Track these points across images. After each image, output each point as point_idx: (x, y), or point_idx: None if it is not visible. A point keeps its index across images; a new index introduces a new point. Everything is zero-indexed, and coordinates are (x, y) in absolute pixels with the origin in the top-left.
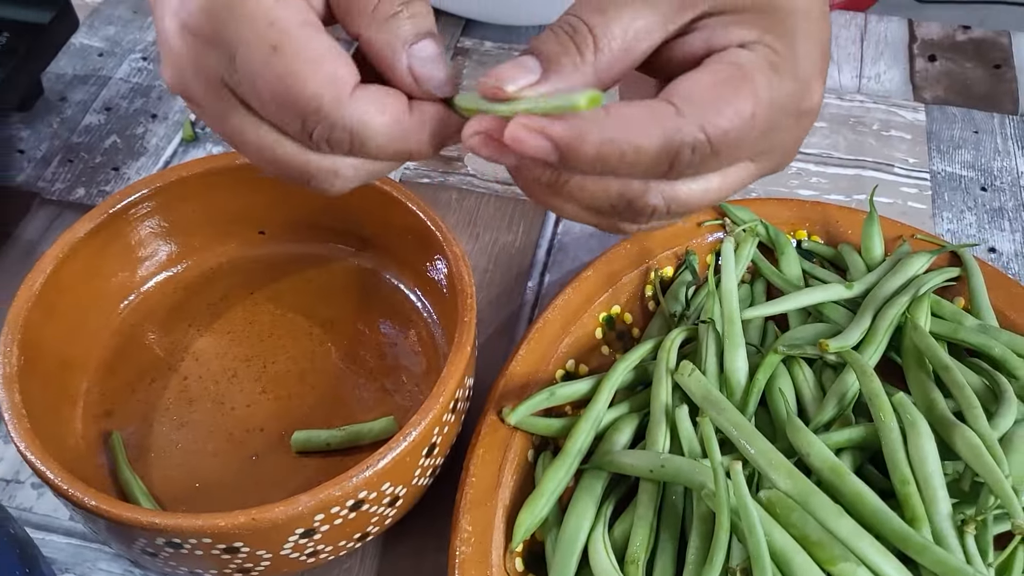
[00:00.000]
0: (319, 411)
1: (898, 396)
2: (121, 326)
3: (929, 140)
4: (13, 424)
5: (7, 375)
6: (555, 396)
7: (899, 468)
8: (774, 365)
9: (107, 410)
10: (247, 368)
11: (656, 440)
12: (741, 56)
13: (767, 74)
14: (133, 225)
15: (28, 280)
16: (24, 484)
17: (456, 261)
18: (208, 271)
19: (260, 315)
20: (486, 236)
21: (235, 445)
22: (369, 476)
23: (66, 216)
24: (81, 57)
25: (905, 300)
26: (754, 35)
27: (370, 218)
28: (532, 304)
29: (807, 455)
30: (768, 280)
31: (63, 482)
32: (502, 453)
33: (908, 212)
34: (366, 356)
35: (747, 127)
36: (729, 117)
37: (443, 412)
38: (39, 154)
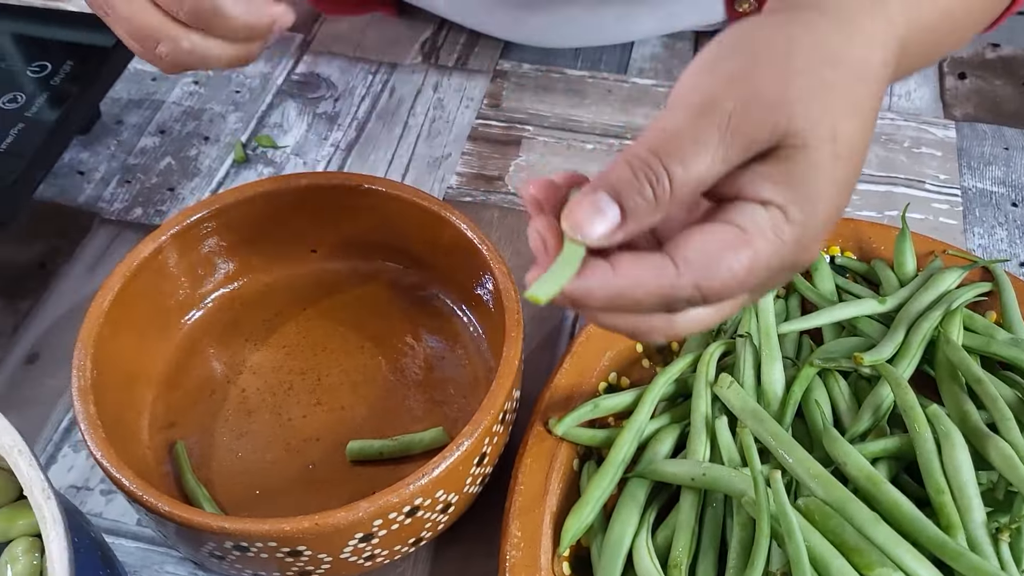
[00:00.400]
0: (371, 422)
1: (932, 408)
2: (183, 341)
3: (960, 157)
4: (89, 434)
5: (82, 388)
6: (599, 408)
7: (934, 477)
8: (810, 378)
9: (171, 421)
10: (302, 381)
11: (696, 450)
12: (756, 215)
13: (771, 241)
14: (194, 244)
15: (98, 298)
16: (93, 491)
17: (503, 278)
18: (263, 288)
19: (313, 330)
20: (527, 254)
21: (292, 454)
22: (425, 484)
23: (125, 235)
24: (136, 82)
25: (938, 315)
26: (779, 199)
27: (418, 236)
28: (573, 319)
29: (844, 464)
30: (802, 295)
31: (138, 488)
32: (549, 462)
33: (939, 228)
34: (415, 369)
35: (739, 285)
36: (723, 279)
37: (493, 423)
38: (98, 175)
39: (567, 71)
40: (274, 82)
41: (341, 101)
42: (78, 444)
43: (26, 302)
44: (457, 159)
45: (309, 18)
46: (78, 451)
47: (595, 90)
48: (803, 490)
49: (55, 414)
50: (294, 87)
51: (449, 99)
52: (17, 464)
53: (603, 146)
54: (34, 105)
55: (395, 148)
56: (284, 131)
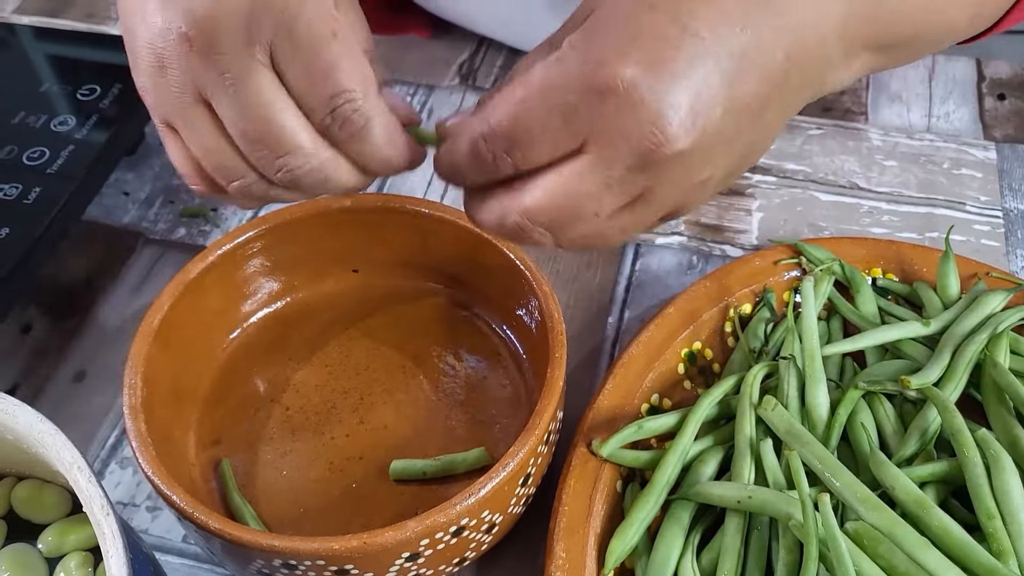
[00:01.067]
0: (413, 441)
1: (981, 432)
2: (227, 360)
3: (1001, 178)
4: (140, 451)
5: (133, 406)
6: (643, 429)
7: (984, 502)
8: (855, 400)
9: (216, 439)
10: (345, 400)
11: (741, 472)
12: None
13: (544, 66)
14: (240, 265)
15: (148, 316)
16: (140, 507)
17: (546, 299)
18: (306, 307)
19: (356, 349)
20: (566, 274)
21: (336, 473)
22: (471, 504)
23: (169, 255)
24: None
25: (983, 337)
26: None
27: (459, 257)
28: (613, 340)
29: (892, 488)
30: (845, 317)
31: (188, 506)
32: (592, 483)
33: (981, 250)
34: (456, 389)
35: (521, 109)
36: (501, 106)
37: (538, 443)
38: (142, 196)
39: None
40: None
41: None
42: (125, 460)
43: (73, 320)
44: None
45: None
46: (125, 467)
47: None
48: (849, 514)
49: (102, 431)
50: None
51: None
52: (77, 480)
53: None
54: (84, 128)
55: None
56: None
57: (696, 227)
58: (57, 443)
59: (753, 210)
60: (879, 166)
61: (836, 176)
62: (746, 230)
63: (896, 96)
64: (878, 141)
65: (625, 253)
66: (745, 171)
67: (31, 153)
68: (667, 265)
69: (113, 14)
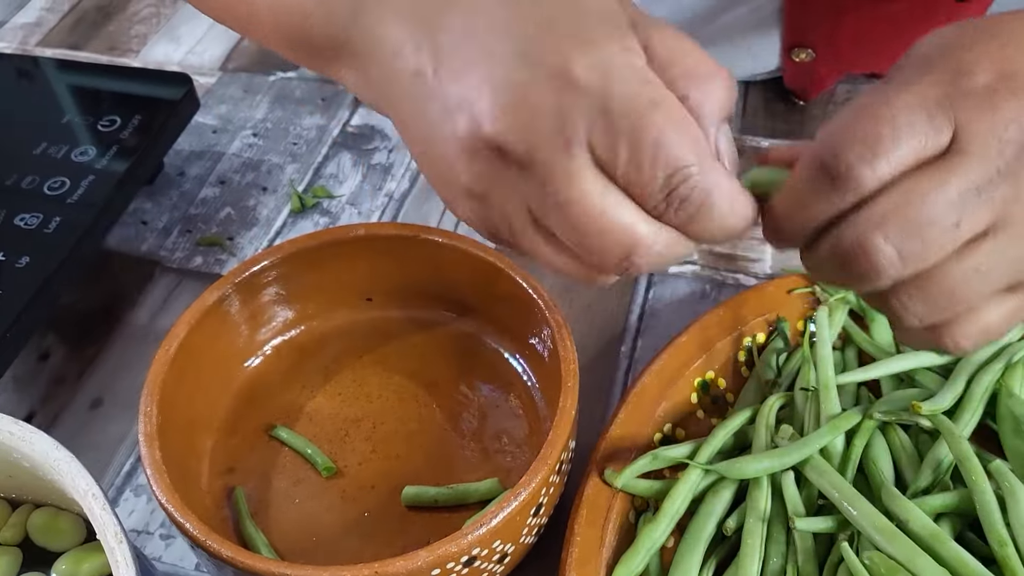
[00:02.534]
0: (426, 471)
1: (995, 463)
2: (241, 388)
3: None
4: (155, 479)
5: (148, 433)
6: (658, 459)
7: (995, 530)
8: (871, 431)
9: (230, 467)
10: (357, 428)
11: (757, 503)
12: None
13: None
14: (256, 293)
15: (164, 345)
16: (153, 535)
17: (559, 328)
18: (320, 336)
19: (369, 378)
20: (580, 303)
21: (348, 502)
22: (483, 533)
23: (186, 283)
24: (196, 134)
25: (999, 367)
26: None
27: (472, 286)
28: (626, 369)
29: (906, 521)
30: (860, 347)
31: (201, 534)
32: (605, 514)
33: None
34: (469, 418)
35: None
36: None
37: (551, 473)
38: (160, 225)
39: None
40: (330, 134)
41: (395, 152)
42: (139, 488)
43: (90, 348)
44: None
45: None
46: (139, 495)
47: None
48: (864, 543)
49: (117, 458)
50: (349, 139)
51: None
52: (92, 508)
53: None
54: (104, 158)
55: None
56: (339, 181)
57: (709, 256)
58: (72, 471)
59: None
60: None
61: None
62: (759, 259)
63: None
64: None
65: (638, 282)
66: None
67: (52, 183)
68: (680, 294)
69: (134, 46)
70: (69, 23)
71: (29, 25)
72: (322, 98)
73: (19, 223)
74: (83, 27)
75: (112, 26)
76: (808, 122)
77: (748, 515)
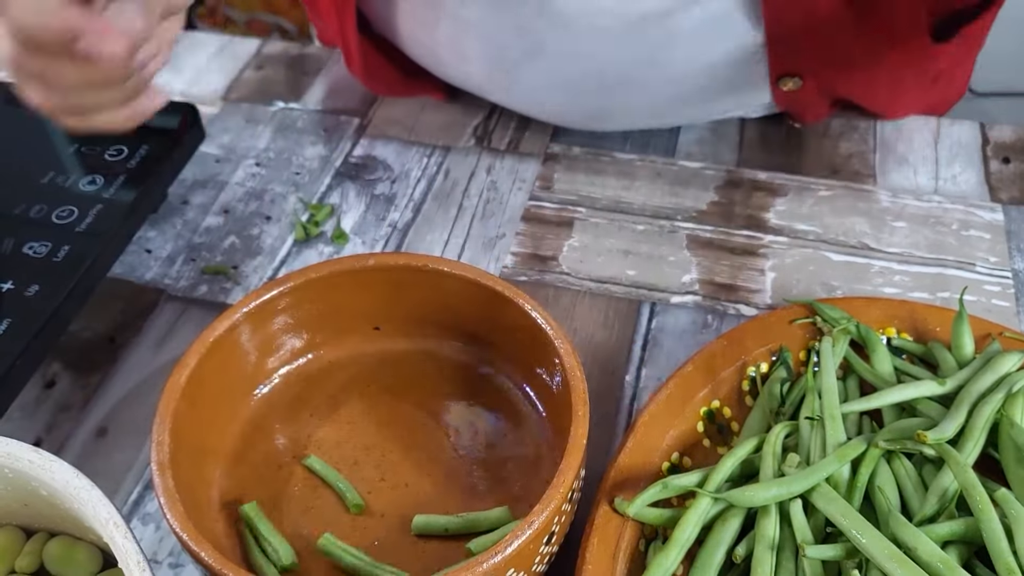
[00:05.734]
0: (435, 499)
1: (1000, 492)
2: (250, 416)
3: (1009, 239)
4: (168, 507)
5: (161, 462)
6: (668, 488)
7: (1003, 558)
8: (876, 459)
9: (238, 496)
10: (367, 456)
11: (766, 531)
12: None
13: None
14: (264, 322)
15: (175, 373)
16: (162, 564)
17: (568, 357)
18: (328, 365)
19: (377, 406)
20: (583, 332)
21: (358, 530)
22: (497, 562)
23: (191, 311)
24: (200, 164)
25: (1000, 397)
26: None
27: (481, 315)
28: (631, 398)
29: (914, 549)
30: (861, 377)
31: (216, 562)
32: (615, 542)
33: (992, 310)
34: (477, 447)
35: None
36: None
37: (562, 502)
38: (164, 253)
39: (616, 154)
40: (332, 164)
41: (398, 183)
42: (147, 517)
43: (96, 376)
44: (511, 239)
45: (365, 103)
46: (147, 523)
47: (644, 172)
48: (873, 571)
49: (124, 487)
50: (352, 169)
51: (502, 181)
52: (113, 537)
53: (654, 227)
54: (112, 187)
55: (451, 228)
56: (343, 212)
57: (710, 286)
58: (93, 499)
59: (766, 269)
60: (889, 227)
61: (847, 236)
62: (760, 289)
63: (903, 159)
64: (887, 202)
65: (640, 312)
66: None
67: (60, 212)
68: (682, 324)
69: None
70: None
71: None
72: (324, 128)
73: (28, 251)
74: None
75: None
76: (805, 154)
77: (757, 543)
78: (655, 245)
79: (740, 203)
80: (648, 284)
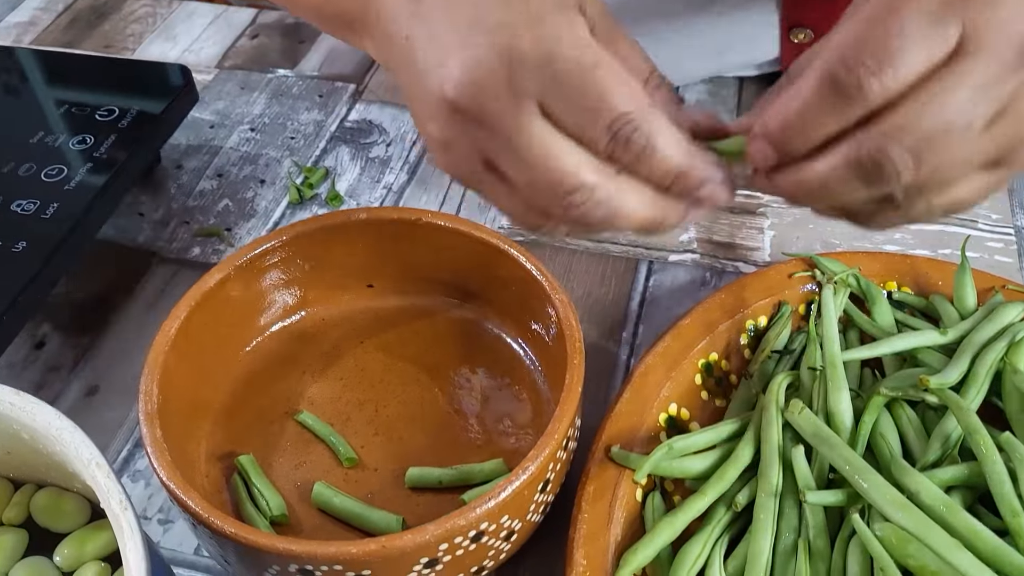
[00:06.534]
0: (429, 453)
1: (1005, 435)
2: (241, 372)
3: (1011, 196)
4: (155, 457)
5: (148, 412)
6: (673, 450)
7: (1007, 500)
8: (879, 407)
9: (229, 451)
10: (360, 412)
11: (769, 478)
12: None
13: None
14: (256, 277)
15: (164, 326)
16: (151, 520)
17: (564, 308)
18: (320, 322)
19: (370, 363)
20: (579, 290)
21: (351, 484)
22: (491, 507)
23: (183, 273)
24: (194, 129)
25: (1003, 345)
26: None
27: (475, 270)
28: (627, 354)
29: (916, 493)
30: (861, 329)
31: (203, 510)
32: (612, 491)
33: (995, 266)
34: (472, 401)
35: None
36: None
37: (557, 448)
38: (157, 217)
39: None
40: (327, 129)
41: (393, 146)
42: (137, 474)
43: (86, 337)
44: None
45: (361, 69)
46: (136, 480)
47: None
48: (875, 516)
49: (114, 444)
50: (347, 133)
51: None
52: (95, 477)
53: None
54: (103, 146)
55: (446, 190)
56: (338, 175)
57: (709, 245)
58: (75, 440)
59: (765, 228)
60: None
61: None
62: (759, 247)
63: None
64: None
65: (638, 270)
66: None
67: (49, 170)
68: (680, 282)
69: (130, 44)
70: (64, 22)
71: (23, 24)
72: (319, 94)
73: (16, 209)
74: (78, 26)
75: (107, 25)
76: None
77: (759, 491)
78: None
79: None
80: (645, 243)
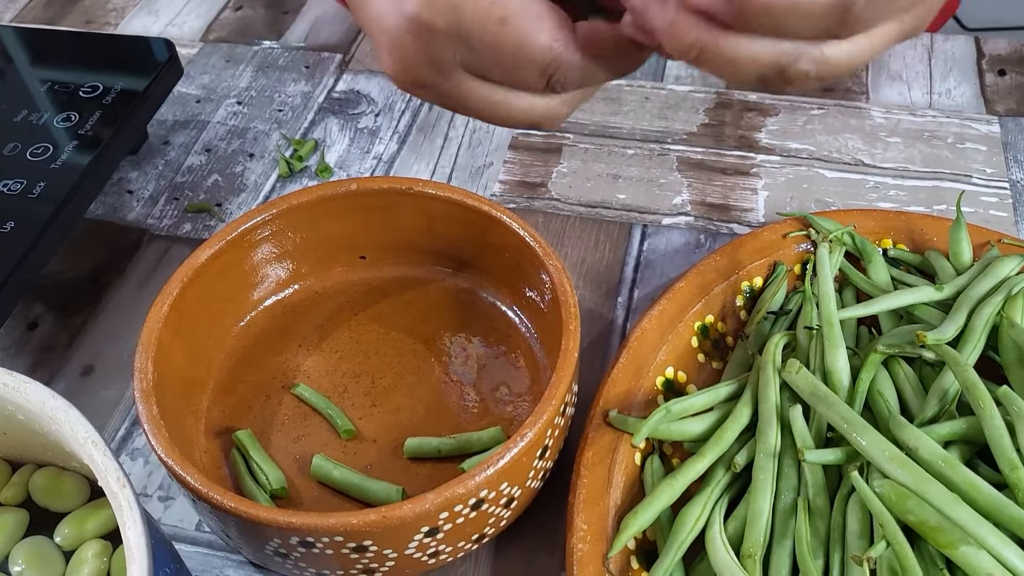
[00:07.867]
0: (427, 423)
1: (1003, 389)
2: (235, 347)
3: (1006, 150)
4: (153, 434)
5: (144, 389)
6: (671, 413)
7: (1005, 454)
8: (876, 364)
9: (227, 426)
10: (356, 384)
11: (767, 438)
12: None
13: None
14: (247, 252)
15: (157, 303)
16: (152, 497)
17: (558, 273)
18: (314, 294)
19: (365, 334)
20: (574, 256)
21: (350, 456)
22: (490, 475)
23: (174, 250)
24: (180, 104)
25: (999, 299)
26: None
27: (467, 238)
28: (623, 318)
29: (915, 449)
30: (857, 287)
31: (202, 485)
32: (610, 455)
33: (990, 220)
34: (469, 371)
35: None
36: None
37: (555, 415)
38: (147, 194)
39: None
40: (315, 100)
41: (382, 116)
42: (135, 452)
43: (79, 316)
44: (499, 168)
45: (347, 38)
46: (135, 459)
47: (632, 97)
48: (874, 473)
49: (112, 423)
50: (335, 104)
51: None
52: (92, 455)
53: (644, 151)
54: (88, 123)
55: (437, 159)
56: (327, 146)
57: (702, 207)
58: (71, 418)
59: (759, 188)
60: (883, 143)
61: (840, 153)
62: (752, 208)
63: (896, 75)
64: (880, 119)
65: (632, 234)
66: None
67: (35, 149)
68: (675, 244)
69: (112, 19)
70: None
71: (2, 2)
72: (306, 65)
73: (2, 189)
74: (59, 2)
75: (88, 0)
76: None
77: (758, 451)
78: (645, 168)
79: (731, 124)
80: (639, 207)
